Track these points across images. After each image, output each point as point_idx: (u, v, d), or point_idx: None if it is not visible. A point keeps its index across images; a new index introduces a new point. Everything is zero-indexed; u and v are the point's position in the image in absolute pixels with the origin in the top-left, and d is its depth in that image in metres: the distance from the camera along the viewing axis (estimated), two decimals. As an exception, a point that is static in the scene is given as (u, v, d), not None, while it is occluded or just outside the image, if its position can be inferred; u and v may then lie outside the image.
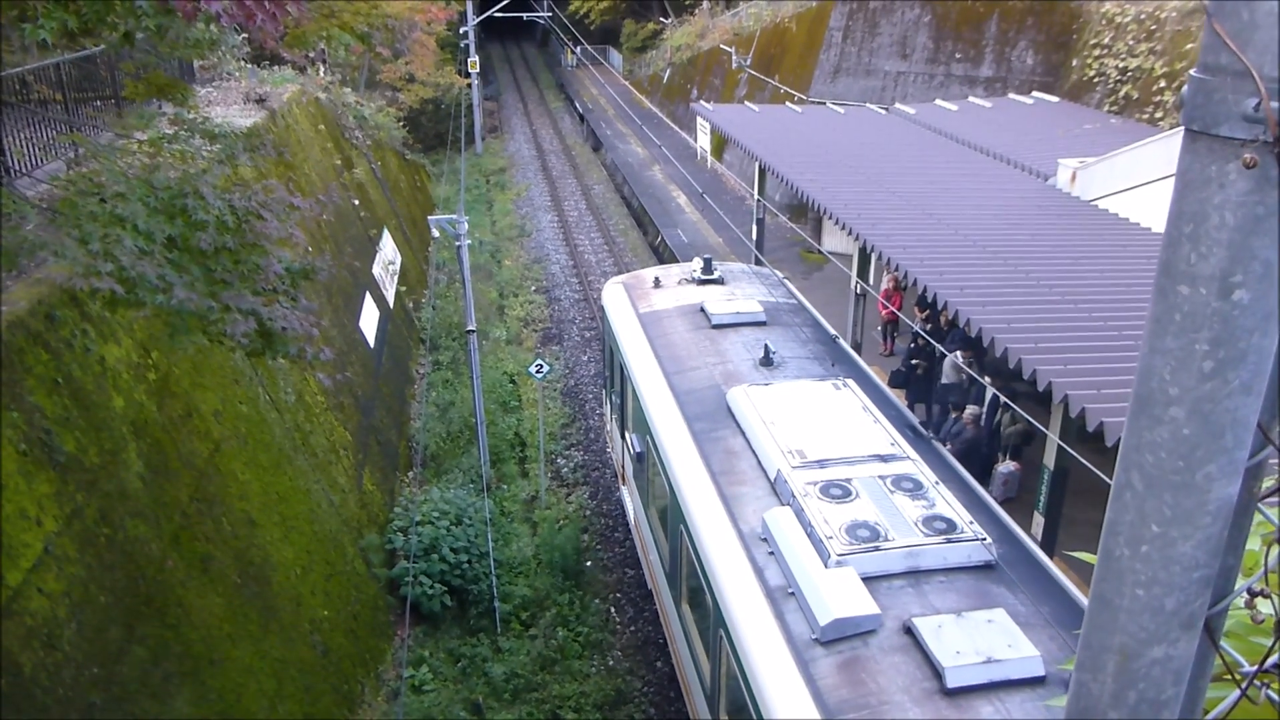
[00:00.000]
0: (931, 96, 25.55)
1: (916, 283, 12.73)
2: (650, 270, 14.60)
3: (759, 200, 22.13)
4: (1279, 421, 1.66)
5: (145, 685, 7.52)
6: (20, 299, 7.68)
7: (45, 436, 7.25)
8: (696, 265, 13.76)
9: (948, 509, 7.74)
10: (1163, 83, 20.32)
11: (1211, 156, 1.42)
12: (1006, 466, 13.28)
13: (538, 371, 15.43)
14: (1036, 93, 23.58)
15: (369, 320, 17.24)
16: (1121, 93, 21.62)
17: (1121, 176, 15.28)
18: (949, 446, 11.76)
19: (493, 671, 12.09)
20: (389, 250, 21.31)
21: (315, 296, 12.96)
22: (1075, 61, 23.75)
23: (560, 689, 12.07)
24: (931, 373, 15.53)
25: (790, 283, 14.56)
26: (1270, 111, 1.34)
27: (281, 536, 10.72)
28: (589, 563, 14.60)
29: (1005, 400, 10.54)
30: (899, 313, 17.16)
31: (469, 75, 38.01)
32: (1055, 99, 22.99)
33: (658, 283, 13.58)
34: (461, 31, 39.54)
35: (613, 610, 13.70)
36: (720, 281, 13.44)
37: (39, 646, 6.52)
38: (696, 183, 25.84)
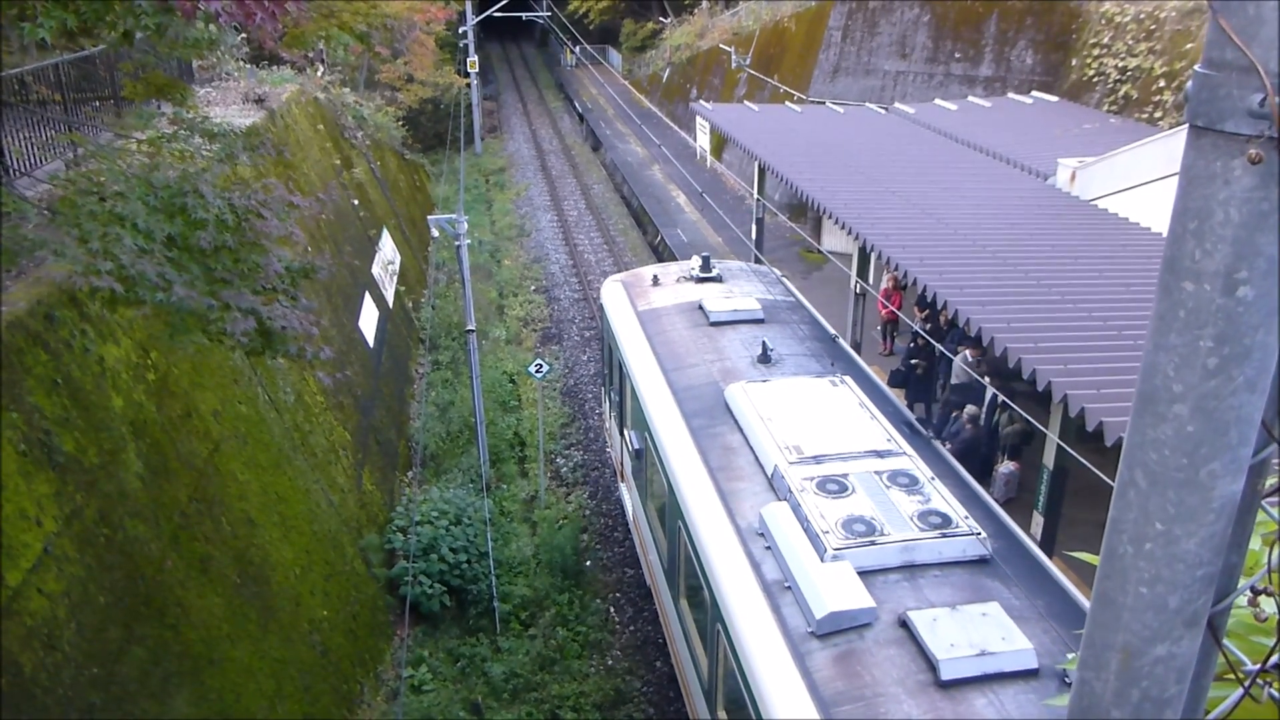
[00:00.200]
0: (931, 96, 25.54)
1: (916, 282, 12.72)
2: (649, 268, 14.59)
3: (758, 200, 22.12)
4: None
5: (145, 685, 7.52)
6: (19, 299, 7.67)
7: (45, 437, 7.24)
8: (695, 263, 13.75)
9: (943, 504, 7.79)
10: (1162, 82, 20.32)
11: (1216, 152, 1.42)
12: (1006, 467, 13.28)
13: (537, 371, 15.43)
14: (1036, 92, 23.58)
15: (368, 320, 17.23)
16: (1121, 92, 21.62)
17: (1121, 176, 15.27)
18: (949, 446, 11.76)
19: (492, 671, 12.08)
20: (388, 250, 21.30)
21: (315, 296, 12.95)
22: (1075, 61, 23.75)
23: (559, 689, 12.07)
24: (931, 372, 15.52)
25: (789, 281, 14.56)
26: (1275, 107, 1.33)
27: (281, 536, 10.71)
28: (588, 562, 14.60)
29: (1004, 400, 10.54)
30: (899, 312, 17.16)
31: (468, 75, 38.00)
32: (1055, 98, 22.99)
33: (656, 281, 13.58)
34: (460, 31, 39.53)
35: (612, 610, 13.70)
36: (718, 279, 13.43)
37: (39, 646, 6.51)
38: (696, 182, 25.84)
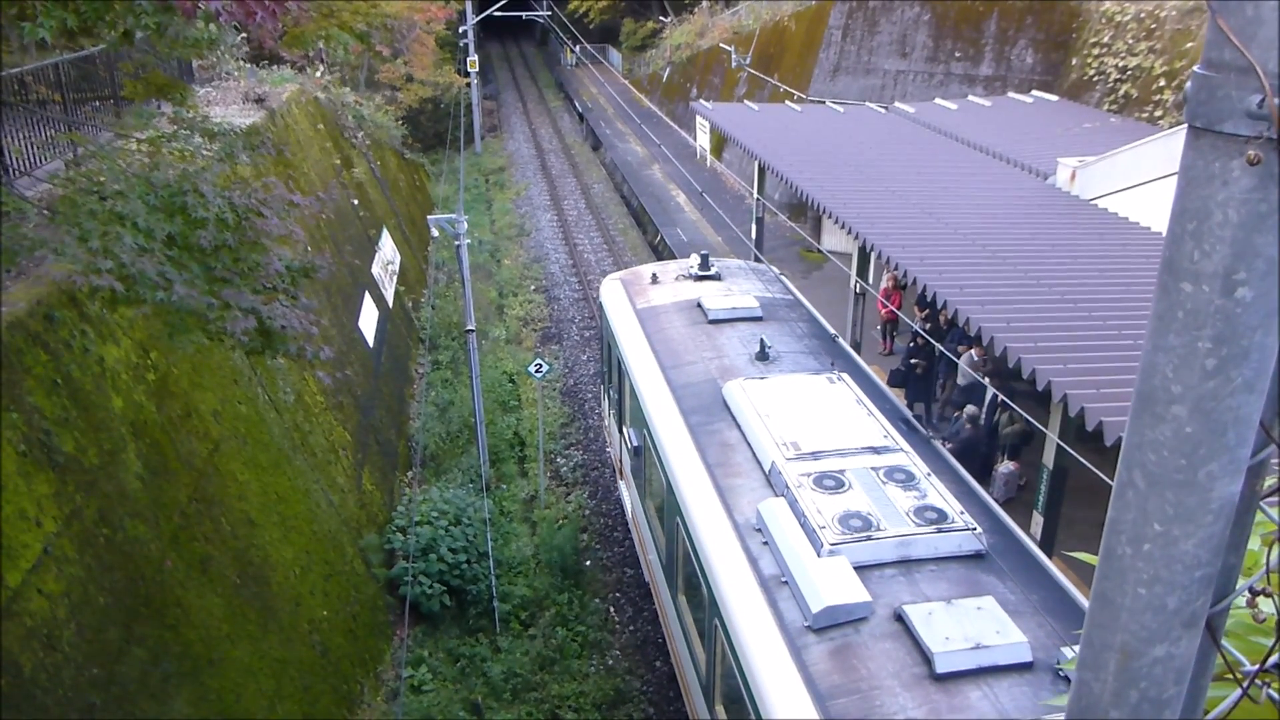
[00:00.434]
0: (931, 95, 25.54)
1: (916, 282, 12.72)
2: (648, 266, 14.61)
3: (758, 199, 22.12)
4: (1281, 420, 1.66)
5: (144, 685, 7.52)
6: (19, 299, 7.67)
7: (44, 437, 7.24)
8: (694, 261, 13.76)
9: (939, 499, 7.84)
10: (1162, 81, 20.32)
11: (1215, 153, 1.42)
12: (1006, 466, 13.28)
13: (537, 371, 15.43)
14: (1036, 91, 23.58)
15: (368, 320, 17.23)
16: (1121, 91, 21.61)
17: (1121, 175, 15.27)
18: (949, 446, 11.76)
19: (492, 671, 12.09)
20: (388, 250, 21.30)
21: (315, 295, 12.94)
22: (1075, 60, 23.74)
23: (559, 688, 12.07)
24: (931, 372, 15.52)
25: (788, 280, 14.56)
26: (1274, 108, 1.33)
27: (281, 537, 10.72)
28: (588, 562, 14.60)
29: (1004, 400, 10.54)
30: (898, 312, 17.16)
31: (468, 74, 38.01)
32: (1055, 98, 22.99)
33: (655, 279, 13.59)
34: (460, 31, 39.53)
35: (612, 610, 13.70)
36: (717, 277, 13.45)
37: (39, 647, 6.51)
38: (696, 182, 25.85)
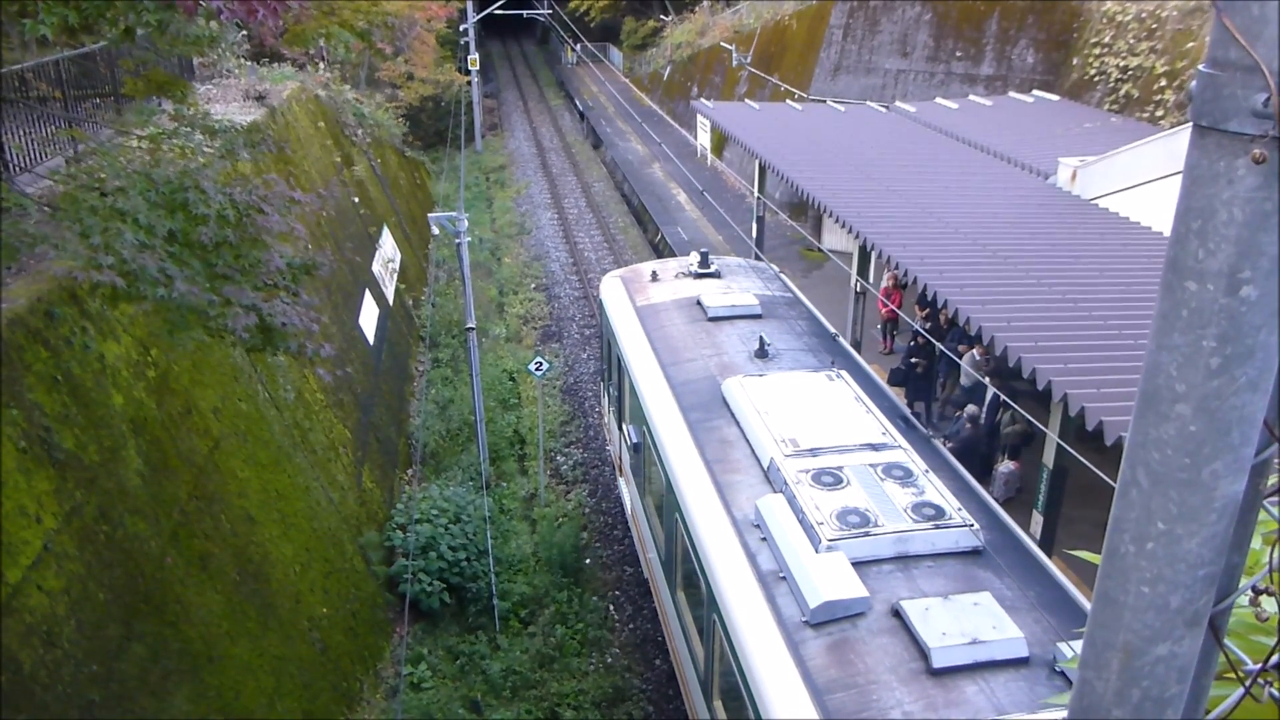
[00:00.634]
0: (932, 95, 25.53)
1: (916, 281, 12.72)
2: (647, 264, 14.64)
3: (759, 198, 22.12)
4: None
5: (144, 682, 7.52)
6: (20, 296, 7.66)
7: (44, 434, 7.24)
8: (693, 259, 13.77)
9: (937, 496, 7.87)
10: (1163, 81, 20.31)
11: (1220, 152, 1.41)
12: (1006, 466, 13.28)
13: (537, 369, 15.42)
14: (1037, 91, 23.57)
15: (368, 318, 17.22)
16: (1122, 91, 21.60)
17: (1122, 175, 15.26)
18: (949, 445, 11.76)
19: (491, 669, 12.09)
20: (388, 248, 21.29)
21: (315, 293, 12.93)
22: (1076, 60, 23.73)
23: (559, 686, 12.08)
24: (931, 371, 15.52)
25: (787, 278, 14.56)
26: (1279, 107, 1.33)
27: (280, 534, 10.72)
28: (588, 560, 14.60)
29: (1005, 400, 10.54)
30: (899, 311, 17.15)
31: (469, 72, 37.99)
32: (1056, 97, 22.97)
33: (655, 276, 13.60)
34: (461, 29, 39.51)
35: (611, 608, 13.70)
36: (717, 275, 13.47)
37: (38, 644, 6.51)
38: (697, 180, 25.86)
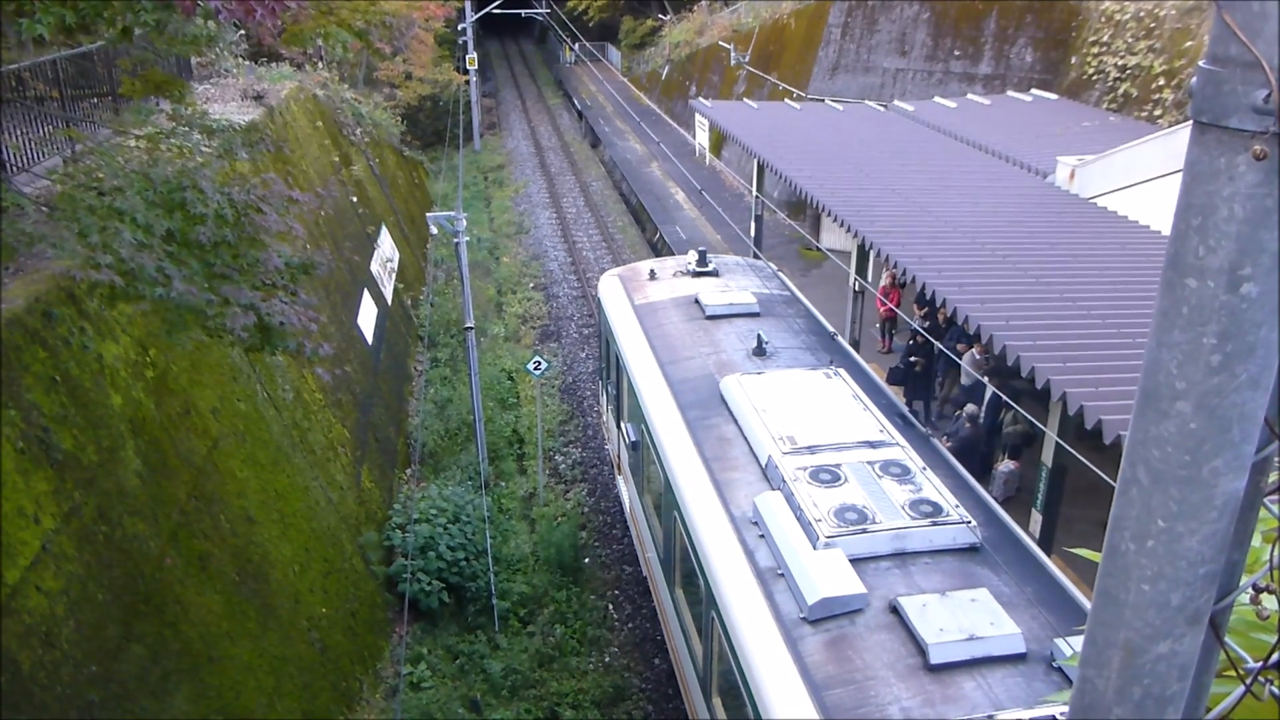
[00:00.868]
0: (930, 94, 25.52)
1: (915, 280, 12.72)
2: (646, 263, 14.65)
3: (757, 197, 22.11)
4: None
5: (144, 683, 7.51)
6: (18, 296, 7.65)
7: (43, 434, 7.23)
8: (691, 258, 13.78)
9: (934, 493, 7.88)
10: (1161, 80, 20.31)
11: (1220, 148, 1.41)
12: (1006, 465, 13.27)
13: (536, 369, 15.42)
14: (1035, 90, 23.57)
15: (367, 317, 17.21)
16: (1120, 90, 21.61)
17: (1120, 174, 15.26)
18: (949, 444, 11.75)
19: (491, 668, 12.08)
20: (387, 247, 21.28)
21: (313, 292, 12.92)
22: (1074, 59, 23.73)
23: (558, 686, 12.07)
24: (929, 370, 15.52)
25: (785, 277, 14.56)
26: (1280, 103, 1.33)
27: (280, 534, 10.71)
28: (587, 559, 14.60)
29: (1007, 400, 10.54)
30: (897, 310, 17.15)
31: (467, 72, 37.97)
32: (1054, 96, 22.97)
33: (653, 275, 13.62)
34: (459, 28, 39.49)
35: (610, 607, 13.70)
36: (715, 274, 13.49)
37: (37, 645, 6.50)
38: (695, 179, 25.84)
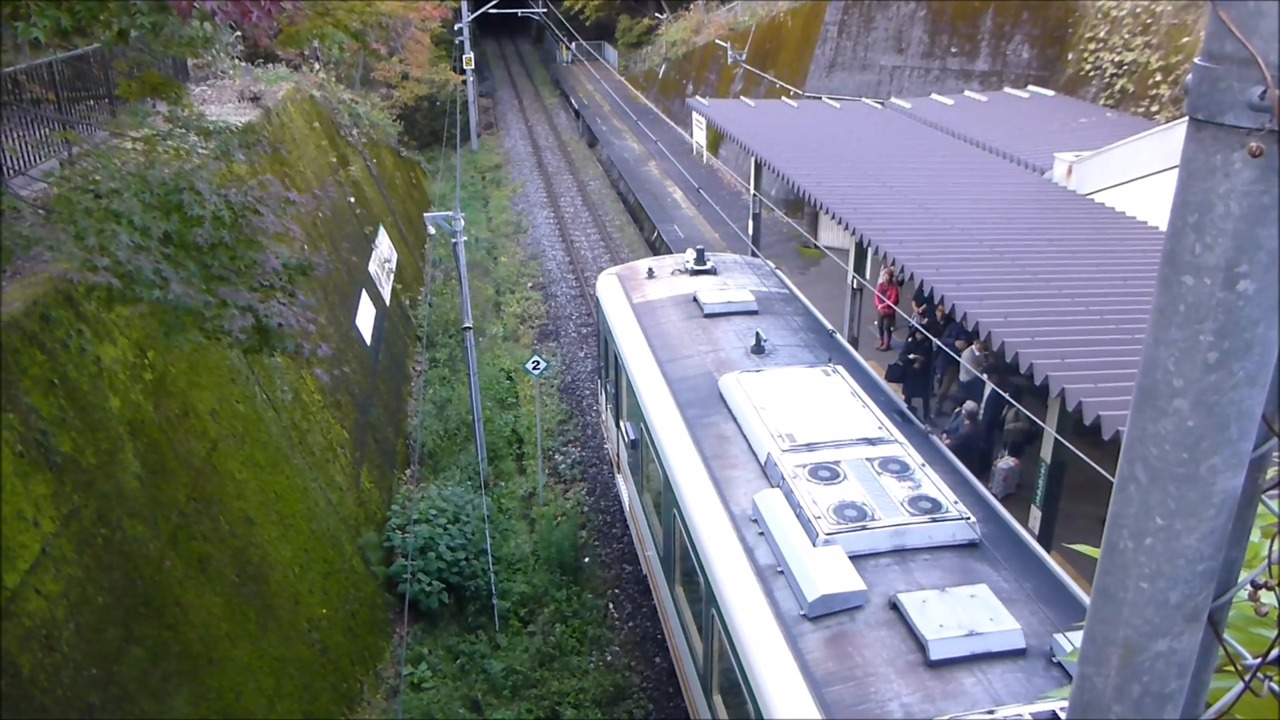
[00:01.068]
0: (927, 91, 25.52)
1: (913, 277, 12.72)
2: (644, 261, 14.65)
3: (755, 195, 22.11)
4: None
5: (144, 685, 7.51)
6: (15, 299, 7.64)
7: (42, 437, 7.22)
8: (689, 256, 13.79)
9: (933, 489, 7.88)
10: (1158, 76, 20.31)
11: (1216, 145, 1.41)
12: (1006, 462, 13.26)
13: (535, 368, 15.41)
14: (1032, 87, 23.57)
15: (365, 318, 17.20)
16: (1117, 86, 21.61)
17: (1117, 170, 15.27)
18: (948, 441, 11.75)
19: (491, 668, 12.08)
20: (385, 248, 21.26)
21: (311, 293, 12.91)
22: (1071, 55, 23.73)
23: (559, 685, 12.07)
24: (928, 367, 15.52)
25: (783, 274, 14.56)
26: (1276, 100, 1.33)
27: (279, 535, 10.70)
28: (586, 558, 14.60)
29: (1007, 398, 10.54)
30: (895, 307, 17.15)
31: (464, 72, 37.94)
32: (1051, 93, 22.97)
33: (651, 273, 13.62)
34: (456, 28, 39.46)
35: (610, 605, 13.70)
36: (713, 272, 13.50)
37: (37, 648, 6.50)
38: (692, 178, 25.83)
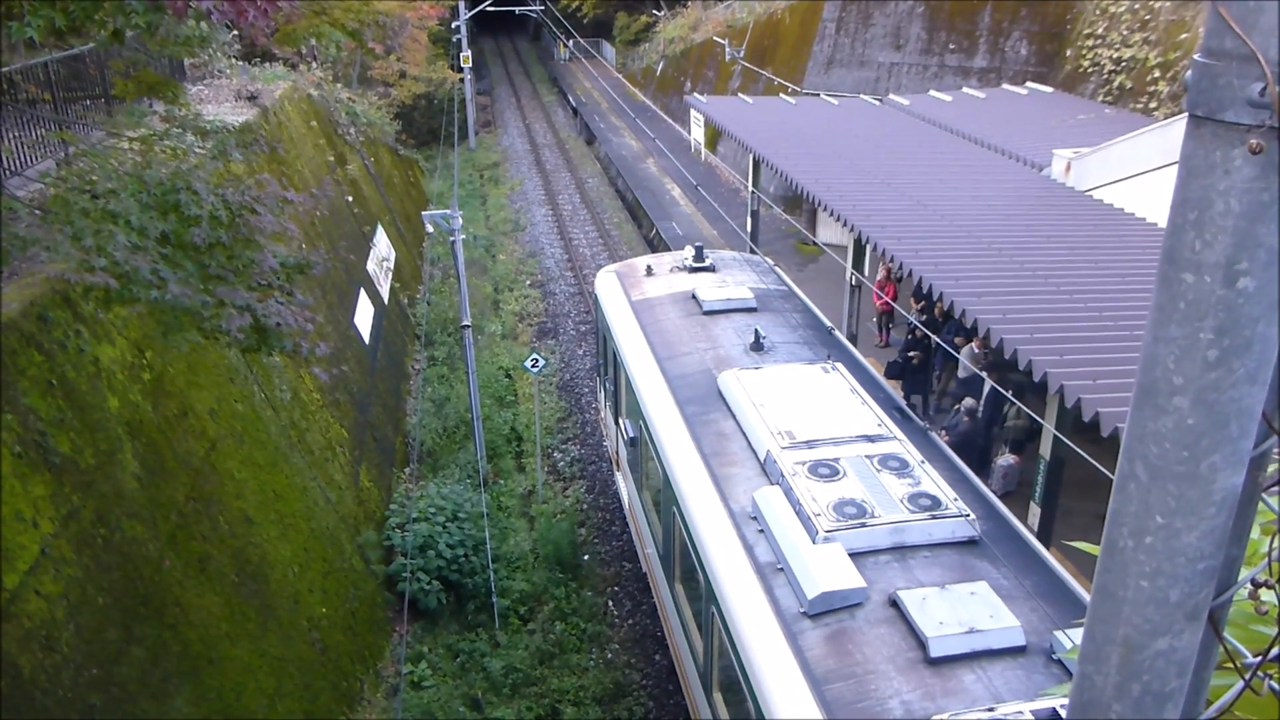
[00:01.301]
0: (925, 87, 25.51)
1: (911, 274, 12.71)
2: (642, 258, 14.64)
3: (753, 192, 22.10)
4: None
5: (144, 685, 7.50)
6: (13, 300, 7.63)
7: (40, 438, 7.21)
8: (688, 253, 13.78)
9: (933, 487, 7.88)
10: (1157, 73, 20.30)
11: (1216, 142, 1.40)
12: (1006, 459, 13.27)
13: (533, 366, 15.40)
14: (1031, 83, 23.56)
15: (364, 316, 17.19)
16: (1116, 83, 21.60)
17: (1116, 167, 15.26)
18: (947, 438, 11.75)
19: (491, 666, 12.09)
20: (383, 246, 21.25)
21: (310, 292, 12.90)
22: (1069, 52, 23.72)
23: (559, 683, 12.08)
24: (927, 364, 15.52)
25: (782, 271, 14.56)
26: (1276, 96, 1.32)
27: (279, 534, 10.70)
28: (586, 556, 14.60)
29: (1007, 395, 10.54)
30: (894, 304, 17.15)
31: (461, 70, 37.90)
32: (1049, 89, 22.96)
33: (650, 270, 13.62)
34: (453, 26, 39.41)
35: (610, 603, 13.70)
36: (712, 269, 13.50)
37: (37, 649, 6.49)
38: (691, 175, 25.84)
